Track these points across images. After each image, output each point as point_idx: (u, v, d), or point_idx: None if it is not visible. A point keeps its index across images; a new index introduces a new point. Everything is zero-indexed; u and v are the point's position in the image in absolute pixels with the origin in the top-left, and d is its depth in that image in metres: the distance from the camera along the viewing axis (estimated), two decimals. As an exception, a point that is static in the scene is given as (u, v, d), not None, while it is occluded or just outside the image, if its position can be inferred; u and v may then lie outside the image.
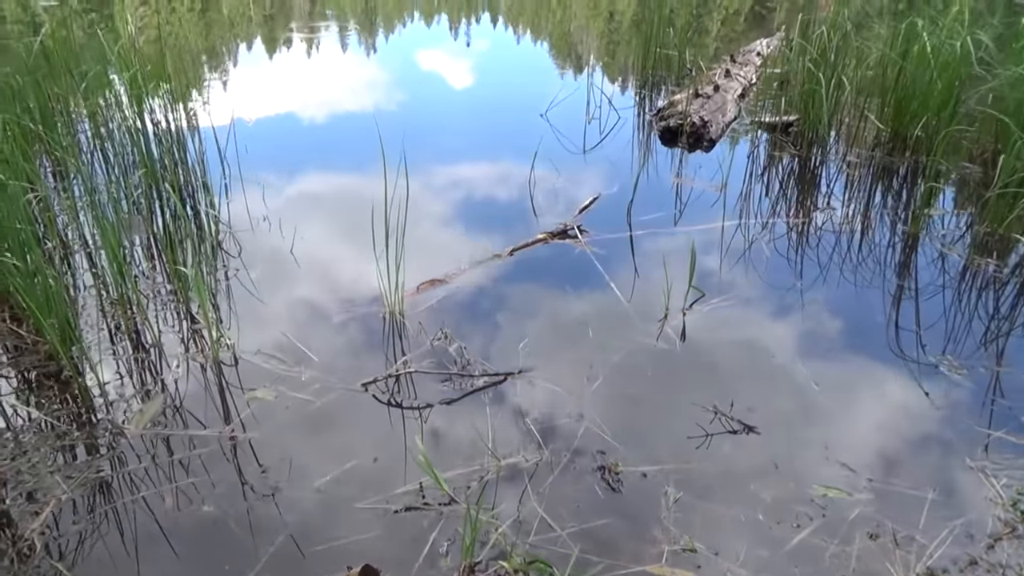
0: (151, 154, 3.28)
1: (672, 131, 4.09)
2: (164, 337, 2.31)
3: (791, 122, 4.11)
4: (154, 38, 10.97)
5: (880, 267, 2.81)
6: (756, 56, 5.57)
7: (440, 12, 14.26)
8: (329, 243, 2.98)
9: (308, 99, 5.36)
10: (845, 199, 3.43)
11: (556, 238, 2.94)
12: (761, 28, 12.35)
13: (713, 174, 3.62)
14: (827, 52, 3.86)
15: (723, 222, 3.09)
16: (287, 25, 11.66)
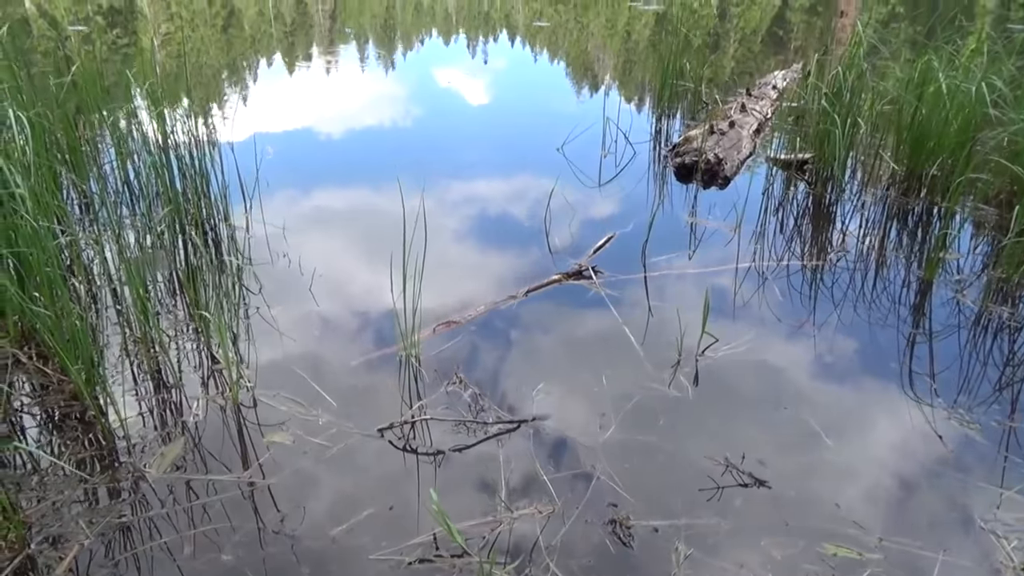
0: (174, 186, 3.36)
1: (687, 167, 4.12)
2: (185, 376, 2.36)
3: (806, 159, 4.13)
4: (176, 54, 11.24)
5: (894, 313, 2.82)
6: (772, 89, 5.60)
7: (458, 30, 14.46)
8: (346, 280, 3.03)
9: (327, 118, 5.47)
10: (859, 240, 3.44)
11: (571, 279, 2.97)
12: (778, 48, 12.44)
13: (727, 212, 3.65)
14: (842, 91, 3.89)
15: (736, 263, 3.12)
16: (308, 45, 11.85)
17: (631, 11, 11.01)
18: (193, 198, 3.48)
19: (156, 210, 3.50)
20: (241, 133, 4.96)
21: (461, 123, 5.56)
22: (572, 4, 12.54)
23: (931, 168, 3.74)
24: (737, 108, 4.84)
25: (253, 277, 3.02)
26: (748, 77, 10.44)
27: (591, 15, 11.48)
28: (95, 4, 15.48)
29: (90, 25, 12.56)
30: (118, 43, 11.80)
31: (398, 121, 5.59)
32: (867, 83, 3.93)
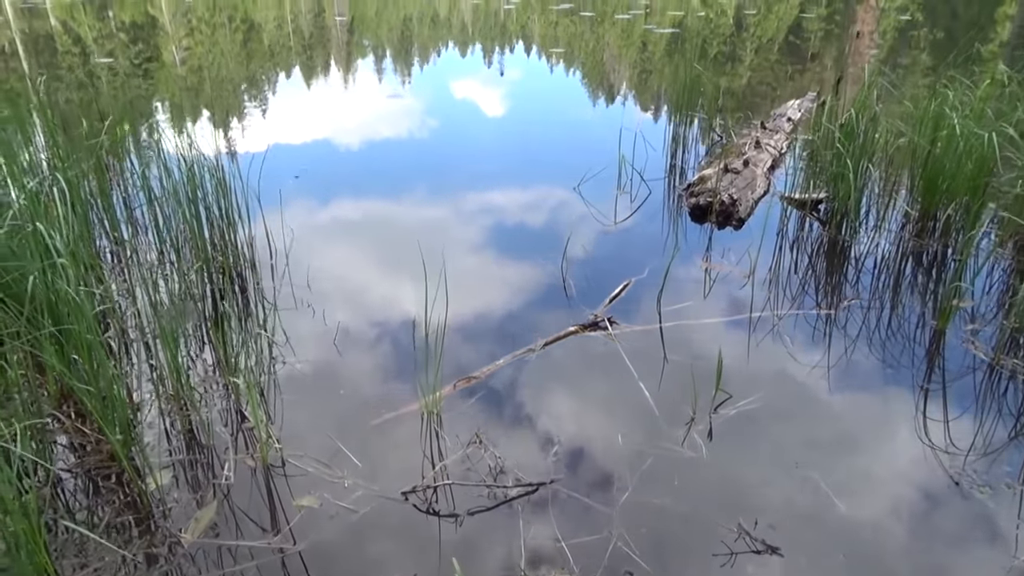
0: (203, 234, 3.48)
1: (702, 208, 4.18)
2: (217, 435, 2.46)
3: (820, 199, 4.18)
4: (197, 67, 11.50)
5: (908, 365, 2.86)
6: (787, 122, 5.65)
7: (475, 41, 14.66)
8: (369, 331, 3.12)
9: (344, 133, 5.67)
10: (873, 285, 3.49)
11: (587, 330, 3.04)
12: (795, 57, 12.44)
13: (741, 255, 3.71)
14: (855, 132, 3.94)
15: (750, 312, 3.18)
16: (326, 58, 12.06)
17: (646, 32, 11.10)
18: (220, 244, 3.60)
19: (184, 253, 3.64)
20: (261, 145, 5.13)
21: (477, 139, 5.68)
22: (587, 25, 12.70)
23: (946, 209, 3.79)
24: (751, 144, 4.90)
25: (279, 326, 3.11)
26: (765, 87, 10.51)
27: (607, 25, 11.56)
28: (118, 20, 15.84)
29: (113, 41, 12.85)
30: (140, 57, 12.09)
31: (415, 135, 5.73)
32: (880, 124, 3.97)
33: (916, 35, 14.77)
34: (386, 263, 3.78)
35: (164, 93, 8.37)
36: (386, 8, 18.89)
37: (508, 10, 13.66)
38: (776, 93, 10.35)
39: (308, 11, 18.60)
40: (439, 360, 2.54)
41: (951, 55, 4.52)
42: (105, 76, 8.40)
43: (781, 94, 9.33)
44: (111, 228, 3.80)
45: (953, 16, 18.29)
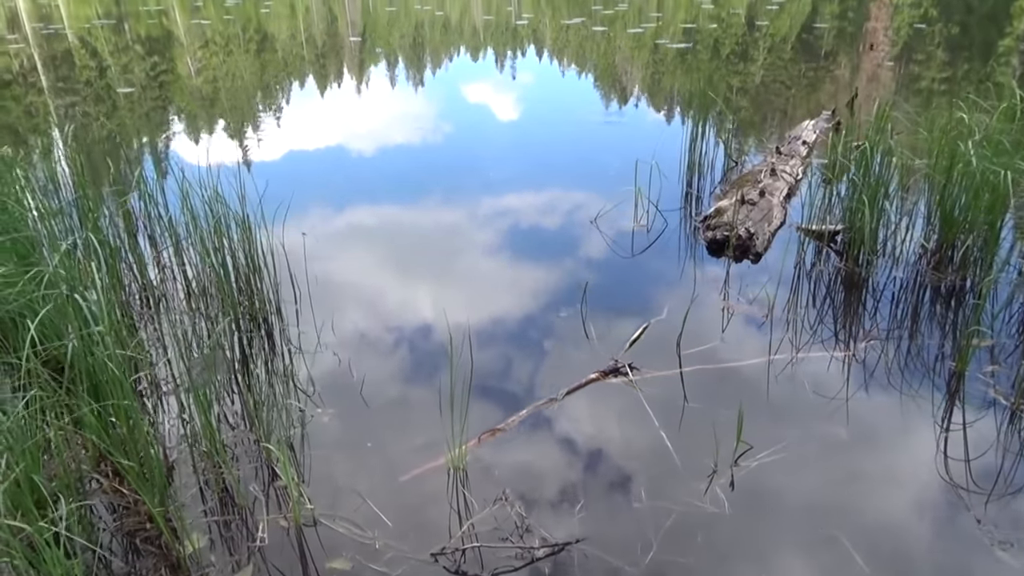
0: (229, 282, 3.56)
1: (719, 242, 4.21)
2: (250, 492, 2.52)
3: (837, 231, 4.20)
4: (212, 78, 11.71)
5: (928, 408, 2.88)
6: (802, 145, 5.67)
7: (486, 46, 14.80)
8: (392, 379, 3.18)
9: (358, 145, 5.68)
10: (893, 322, 3.51)
11: (608, 377, 3.09)
12: (809, 55, 12.43)
13: (759, 291, 3.75)
14: (869, 166, 3.97)
15: (769, 355, 3.21)
16: (339, 66, 12.27)
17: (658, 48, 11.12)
18: (246, 289, 3.68)
19: (210, 293, 3.72)
20: (276, 153, 5.20)
21: (490, 152, 5.71)
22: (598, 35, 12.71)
23: (964, 241, 3.80)
24: (767, 171, 4.93)
25: (306, 372, 3.19)
26: (779, 86, 10.51)
27: (619, 41, 11.59)
28: (134, 33, 16.08)
29: (128, 53, 13.07)
30: (156, 69, 12.33)
31: (428, 144, 5.78)
32: (895, 157, 3.99)
33: (931, 31, 14.72)
34: (405, 302, 3.84)
35: (180, 103, 8.52)
36: (398, 17, 19.06)
37: (520, 25, 13.71)
38: (791, 91, 10.41)
39: (320, 20, 18.83)
40: (465, 415, 2.60)
41: (967, 53, 4.51)
42: (125, 104, 8.54)
43: (796, 92, 9.40)
44: (139, 273, 3.89)
45: (968, 11, 18.19)
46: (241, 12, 15.38)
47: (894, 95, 7.85)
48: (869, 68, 9.25)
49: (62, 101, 8.63)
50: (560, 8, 16.01)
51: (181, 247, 3.93)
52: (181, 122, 8.04)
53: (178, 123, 7.95)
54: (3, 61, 10.99)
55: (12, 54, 11.31)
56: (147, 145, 6.86)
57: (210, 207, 3.45)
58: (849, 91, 8.11)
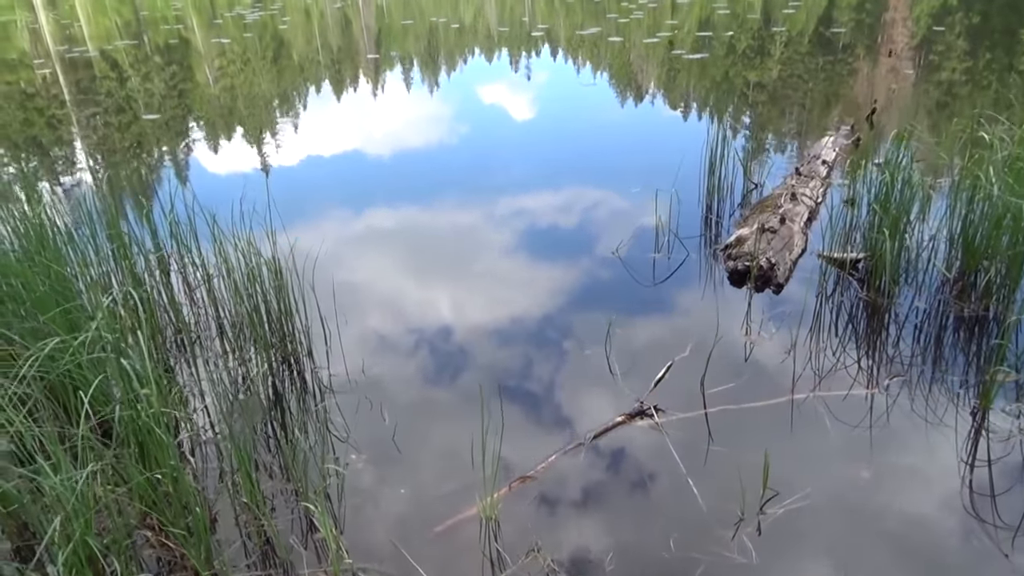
0: (262, 322, 3.66)
1: (740, 272, 4.25)
2: (291, 542, 2.62)
3: (858, 259, 4.23)
4: (232, 93, 11.96)
5: (952, 447, 2.92)
6: (821, 165, 5.68)
7: (500, 47, 14.95)
8: (424, 424, 3.27)
9: (375, 149, 5.76)
10: (915, 355, 3.54)
11: (634, 419, 3.15)
12: (826, 49, 12.39)
13: (781, 324, 3.79)
14: (890, 195, 3.99)
15: (792, 394, 3.26)
16: (355, 70, 12.59)
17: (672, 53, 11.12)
18: (277, 329, 3.77)
19: (243, 333, 3.83)
20: (294, 158, 5.30)
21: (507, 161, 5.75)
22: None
23: (987, 270, 3.81)
24: (787, 196, 4.95)
25: (341, 419, 3.28)
26: (797, 94, 10.51)
27: (635, 53, 11.61)
28: (154, 50, 16.37)
29: (148, 65, 13.32)
30: (178, 88, 12.63)
31: (445, 153, 5.82)
32: (915, 188, 4.01)
33: (951, 20, 14.59)
34: (432, 341, 3.92)
35: (201, 113, 8.67)
36: (412, 19, 19.22)
37: (536, 36, 13.78)
38: (809, 100, 10.40)
39: (336, 25, 19.05)
40: (496, 462, 2.67)
41: (988, 41, 4.52)
42: (151, 132, 8.71)
43: (814, 101, 9.40)
44: (174, 314, 4.01)
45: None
46: (260, 27, 15.58)
47: (914, 107, 7.83)
48: (887, 75, 9.20)
49: (91, 134, 8.82)
50: (575, 14, 16.04)
51: (213, 288, 4.04)
52: (206, 141, 8.21)
53: (203, 144, 8.11)
54: (31, 86, 11.23)
55: (39, 82, 11.56)
56: (175, 175, 7.01)
57: (243, 256, 3.55)
58: (868, 100, 8.09)
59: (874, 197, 4.14)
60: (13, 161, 7.82)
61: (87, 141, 8.43)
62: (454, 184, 6.37)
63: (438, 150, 7.59)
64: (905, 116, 7.53)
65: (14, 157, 7.94)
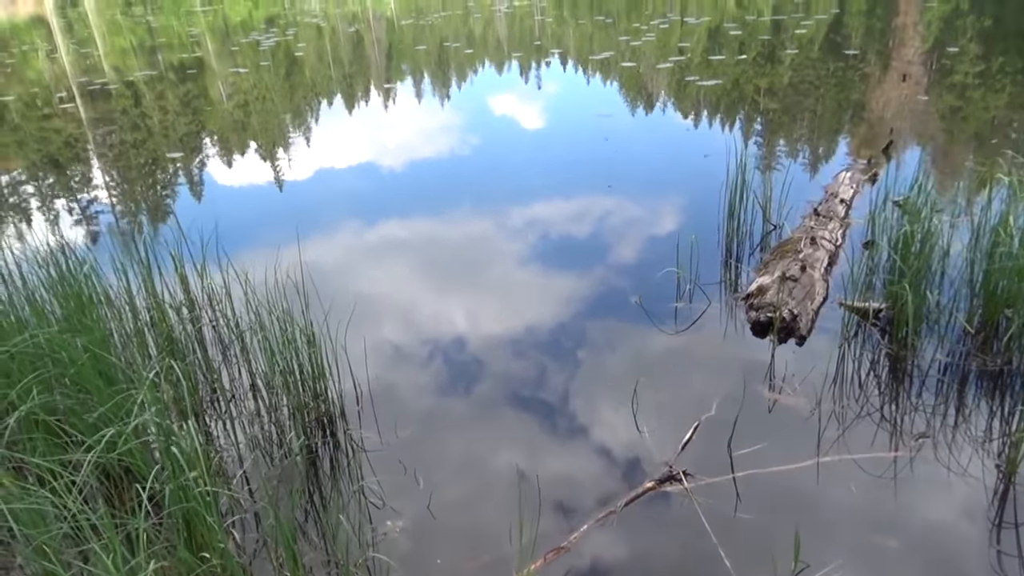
0: (296, 383, 3.75)
1: (763, 324, 4.31)
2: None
3: (880, 309, 4.27)
4: (243, 103, 12.23)
5: (980, 509, 2.96)
6: (840, 204, 5.74)
7: (510, 58, 15.16)
8: (459, 490, 3.34)
9: (394, 173, 5.86)
10: (938, 413, 3.58)
11: (663, 485, 3.21)
12: (837, 55, 12.47)
13: (805, 378, 3.85)
14: (910, 245, 4.04)
15: (818, 456, 3.31)
16: (366, 84, 13.02)
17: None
18: (311, 389, 3.86)
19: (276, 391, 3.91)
20: (308, 171, 5.38)
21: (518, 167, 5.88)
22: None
23: (1009, 321, 3.85)
24: (807, 240, 5.01)
25: (376, 482, 3.36)
26: (807, 87, 10.62)
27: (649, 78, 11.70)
28: (167, 61, 16.66)
29: (163, 82, 13.57)
30: (189, 95, 12.98)
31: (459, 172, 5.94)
32: (935, 237, 4.05)
33: (962, 23, 14.60)
34: (462, 402, 4.01)
35: (215, 129, 8.84)
36: (422, 33, 19.45)
37: (549, 63, 13.92)
38: (819, 92, 10.49)
39: (347, 41, 19.33)
40: (535, 533, 2.75)
41: (1002, 44, 4.58)
42: (176, 171, 8.87)
43: (828, 116, 9.47)
44: (208, 372, 4.11)
45: (1000, 2, 17.99)
46: (276, 54, 15.80)
47: (930, 137, 7.87)
48: (903, 102, 9.24)
49: (117, 179, 8.98)
50: (587, 38, 16.16)
51: (246, 344, 4.15)
52: (224, 164, 8.37)
53: (225, 173, 8.28)
54: (55, 123, 11.44)
55: (63, 119, 11.79)
56: (201, 210, 7.14)
57: (278, 322, 3.65)
58: (883, 128, 8.14)
59: (893, 244, 4.19)
60: (44, 204, 7.99)
61: (113, 184, 8.59)
62: (479, 224, 6.47)
63: (449, 173, 7.70)
64: (922, 146, 7.58)
65: (44, 201, 8.12)
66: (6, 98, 13.13)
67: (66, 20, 27.69)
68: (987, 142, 7.68)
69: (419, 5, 24.31)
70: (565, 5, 21.50)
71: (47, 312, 3.84)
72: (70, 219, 7.41)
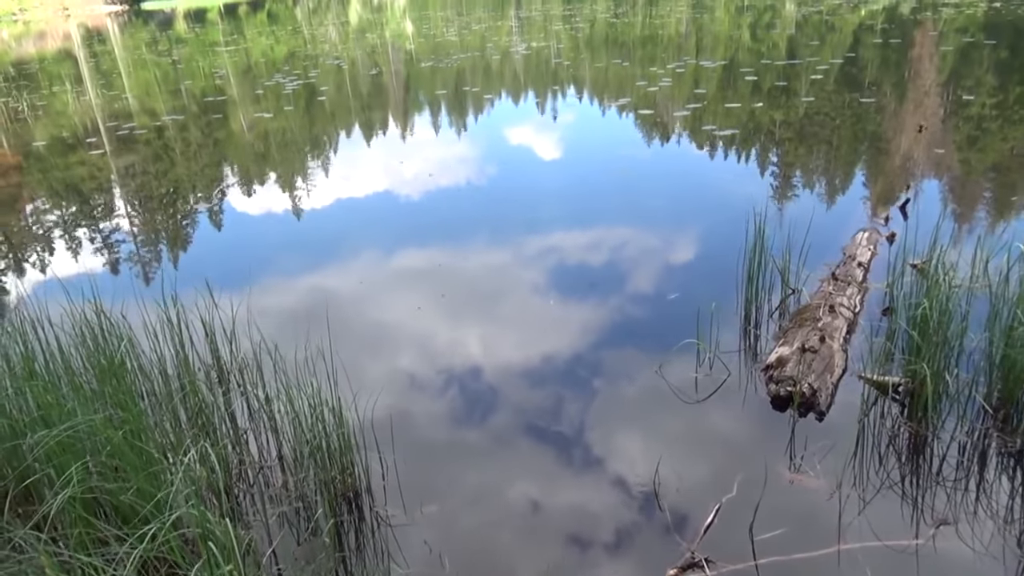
0: (324, 461, 3.84)
1: (783, 398, 4.35)
2: None
3: (899, 383, 4.31)
4: (263, 133, 12.51)
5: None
6: (857, 267, 5.79)
7: (527, 89, 15.42)
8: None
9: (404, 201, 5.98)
10: (959, 494, 3.60)
11: (685, 572, 3.25)
12: (852, 86, 12.57)
13: (825, 457, 3.88)
14: (928, 320, 4.09)
15: (839, 543, 3.34)
16: (384, 116, 13.58)
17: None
18: (338, 463, 3.94)
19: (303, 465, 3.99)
20: (327, 200, 5.60)
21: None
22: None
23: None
24: (825, 308, 5.06)
25: (403, 560, 3.42)
26: (822, 118, 10.75)
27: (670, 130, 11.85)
28: (190, 95, 17.06)
29: (189, 128, 13.90)
30: (212, 126, 13.34)
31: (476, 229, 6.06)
32: (953, 318, 4.10)
33: (979, 55, 14.70)
34: (485, 477, 4.08)
35: (239, 167, 9.08)
36: (439, 66, 19.83)
37: (569, 107, 14.14)
38: (836, 123, 10.60)
39: (366, 73, 19.74)
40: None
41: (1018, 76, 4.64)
42: (205, 227, 9.08)
43: (840, 142, 9.54)
44: (236, 442, 4.21)
45: (1018, 35, 18.08)
46: (298, 99, 16.15)
47: (948, 197, 7.92)
48: (920, 156, 9.30)
49: (145, 229, 9.20)
50: (603, 81, 16.39)
51: (276, 418, 4.25)
52: (253, 213, 8.55)
53: (250, 219, 8.45)
54: (84, 172, 11.74)
55: (91, 167, 12.10)
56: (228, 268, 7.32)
57: (307, 399, 3.75)
58: (901, 182, 8.20)
59: (910, 320, 4.23)
60: (74, 255, 8.20)
61: (141, 235, 8.80)
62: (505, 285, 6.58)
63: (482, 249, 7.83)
64: (941, 201, 7.63)
65: (75, 252, 8.33)
66: (39, 143, 13.48)
67: (94, 59, 28.42)
68: (1009, 200, 7.73)
69: (437, 44, 24.78)
70: (583, 47, 21.82)
71: (83, 384, 3.97)
72: (100, 267, 7.60)
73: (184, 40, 35.94)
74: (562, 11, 37.13)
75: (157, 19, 54.62)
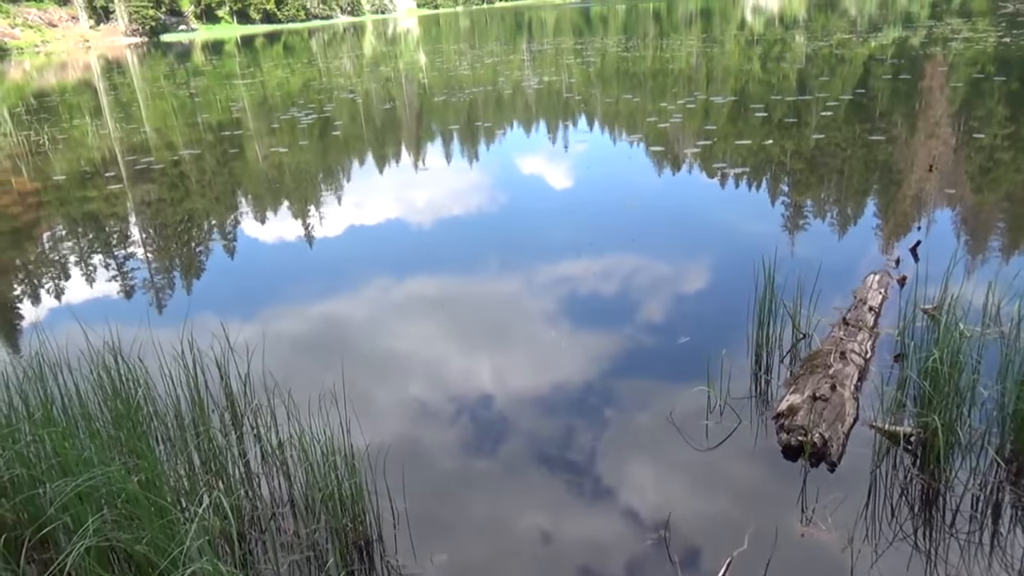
0: (335, 504, 3.86)
1: (794, 447, 4.35)
2: None
3: (911, 433, 4.30)
4: (278, 163, 12.67)
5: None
6: (868, 312, 5.80)
7: (538, 119, 15.61)
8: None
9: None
10: (971, 546, 3.58)
11: (697, 628, 3.24)
12: (863, 116, 12.65)
13: (836, 509, 3.87)
14: (940, 372, 4.09)
15: (853, 601, 3.32)
16: (397, 146, 13.97)
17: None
18: (349, 509, 3.96)
19: (317, 522, 4.01)
20: (339, 228, 5.57)
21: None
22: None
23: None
24: (836, 355, 5.07)
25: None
26: (833, 148, 10.83)
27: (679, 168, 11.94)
28: (206, 125, 17.33)
29: (206, 161, 14.11)
30: (228, 155, 13.55)
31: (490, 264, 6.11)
32: (964, 366, 4.10)
33: (990, 87, 14.75)
34: (495, 525, 4.08)
35: (248, 186, 9.24)
36: (451, 100, 20.07)
37: (579, 144, 14.27)
38: (847, 153, 10.64)
39: (380, 104, 20.02)
40: None
41: None
42: (221, 263, 9.19)
43: (851, 154, 9.53)
44: (249, 487, 4.24)
45: None
46: (313, 133, 16.39)
47: (959, 238, 7.92)
48: (930, 193, 9.33)
49: (163, 266, 9.32)
50: (613, 116, 16.55)
51: (288, 464, 4.28)
52: (269, 249, 8.66)
53: (267, 255, 8.56)
54: (103, 207, 11.93)
55: (110, 203, 12.29)
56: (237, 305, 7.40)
57: (319, 447, 3.78)
58: (911, 223, 8.22)
59: (921, 370, 4.23)
60: (90, 289, 8.32)
61: (159, 272, 8.92)
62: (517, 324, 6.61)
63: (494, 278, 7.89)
64: (953, 242, 7.63)
65: (91, 286, 8.45)
66: (59, 178, 13.73)
67: (114, 91, 28.97)
68: (1020, 241, 7.73)
69: (450, 78, 25.12)
70: (594, 82, 22.07)
71: (100, 429, 4.02)
72: (115, 303, 7.69)
73: (202, 71, 36.61)
74: (573, 44, 37.60)
75: (175, 51, 55.75)
